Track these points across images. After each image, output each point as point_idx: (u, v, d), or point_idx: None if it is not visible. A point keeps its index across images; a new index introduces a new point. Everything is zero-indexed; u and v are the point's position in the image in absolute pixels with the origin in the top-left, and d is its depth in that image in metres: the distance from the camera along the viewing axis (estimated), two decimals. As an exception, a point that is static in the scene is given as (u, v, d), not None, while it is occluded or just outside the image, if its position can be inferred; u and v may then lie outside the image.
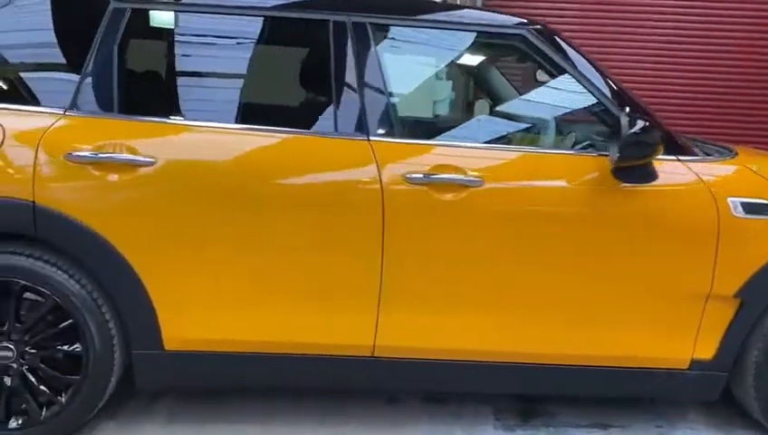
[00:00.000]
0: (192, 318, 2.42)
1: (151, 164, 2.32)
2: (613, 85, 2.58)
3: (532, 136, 2.82)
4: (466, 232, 2.42)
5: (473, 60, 3.25)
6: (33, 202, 2.29)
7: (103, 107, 2.40)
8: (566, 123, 2.94)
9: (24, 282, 2.32)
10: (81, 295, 2.35)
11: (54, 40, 2.48)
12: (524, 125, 2.87)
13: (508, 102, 3.24)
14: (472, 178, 2.41)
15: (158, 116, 2.43)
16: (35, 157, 2.29)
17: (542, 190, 2.48)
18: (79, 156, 2.30)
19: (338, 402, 2.84)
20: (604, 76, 2.58)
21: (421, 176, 2.40)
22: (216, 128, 2.45)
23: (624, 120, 2.33)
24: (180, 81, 2.60)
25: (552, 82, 2.69)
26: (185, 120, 2.50)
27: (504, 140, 2.75)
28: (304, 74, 2.77)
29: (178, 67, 2.59)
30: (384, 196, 2.38)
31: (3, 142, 2.29)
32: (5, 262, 2.32)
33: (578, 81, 2.52)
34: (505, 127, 2.85)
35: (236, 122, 2.52)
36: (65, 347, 2.39)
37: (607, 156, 2.40)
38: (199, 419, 2.69)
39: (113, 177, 2.31)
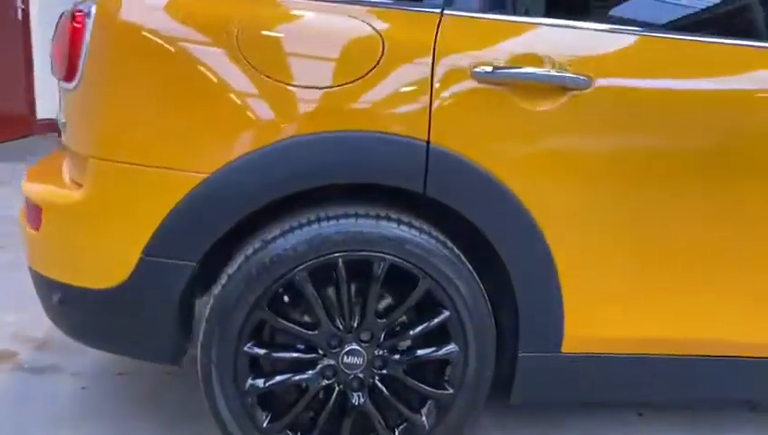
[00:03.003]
0: (606, 310, 1.73)
1: (586, 86, 1.59)
2: None
3: None
4: None
5: None
6: (428, 142, 1.56)
7: (493, 5, 1.66)
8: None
9: (395, 259, 1.60)
10: (468, 281, 1.66)
11: None
12: None
13: None
14: None
15: (581, 18, 1.69)
16: (431, 75, 1.55)
17: None
18: (492, 73, 1.55)
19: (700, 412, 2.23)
20: None
21: None
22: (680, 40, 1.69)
23: None
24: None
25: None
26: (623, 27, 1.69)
27: None
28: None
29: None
30: None
31: (382, 56, 1.54)
32: (371, 231, 1.58)
33: None
34: None
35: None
36: (433, 350, 1.70)
37: None
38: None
39: (538, 106, 1.58)
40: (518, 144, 1.59)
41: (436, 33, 1.56)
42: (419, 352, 1.70)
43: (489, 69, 1.55)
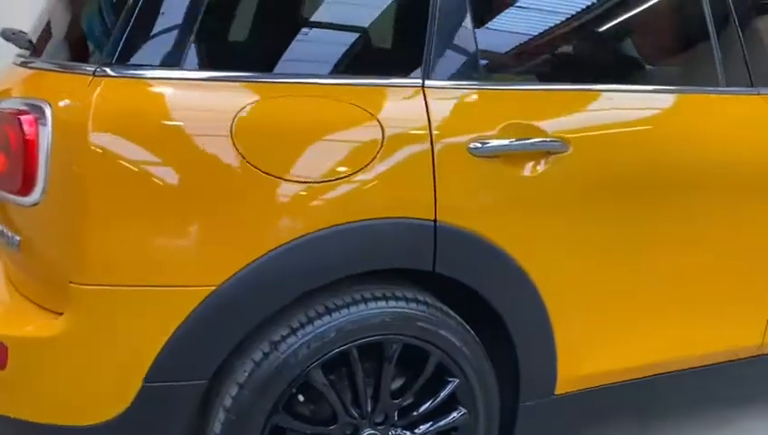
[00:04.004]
0: (596, 350, 1.83)
1: (563, 150, 1.65)
2: None
3: None
4: None
5: None
6: (435, 221, 1.54)
7: (464, 74, 1.65)
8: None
9: (409, 339, 1.57)
10: (472, 345, 1.67)
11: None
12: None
13: None
14: None
15: (548, 82, 1.76)
16: (432, 155, 1.52)
17: None
18: (483, 147, 1.56)
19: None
20: None
21: None
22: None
23: None
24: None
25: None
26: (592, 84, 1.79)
27: None
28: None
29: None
30: None
31: (382, 145, 1.48)
32: (383, 314, 1.53)
33: None
34: None
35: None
36: (447, 417, 1.69)
37: None
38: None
39: (528, 172, 1.61)
40: (514, 210, 1.62)
41: (427, 109, 1.55)
42: (434, 422, 1.69)
43: (480, 144, 1.56)
